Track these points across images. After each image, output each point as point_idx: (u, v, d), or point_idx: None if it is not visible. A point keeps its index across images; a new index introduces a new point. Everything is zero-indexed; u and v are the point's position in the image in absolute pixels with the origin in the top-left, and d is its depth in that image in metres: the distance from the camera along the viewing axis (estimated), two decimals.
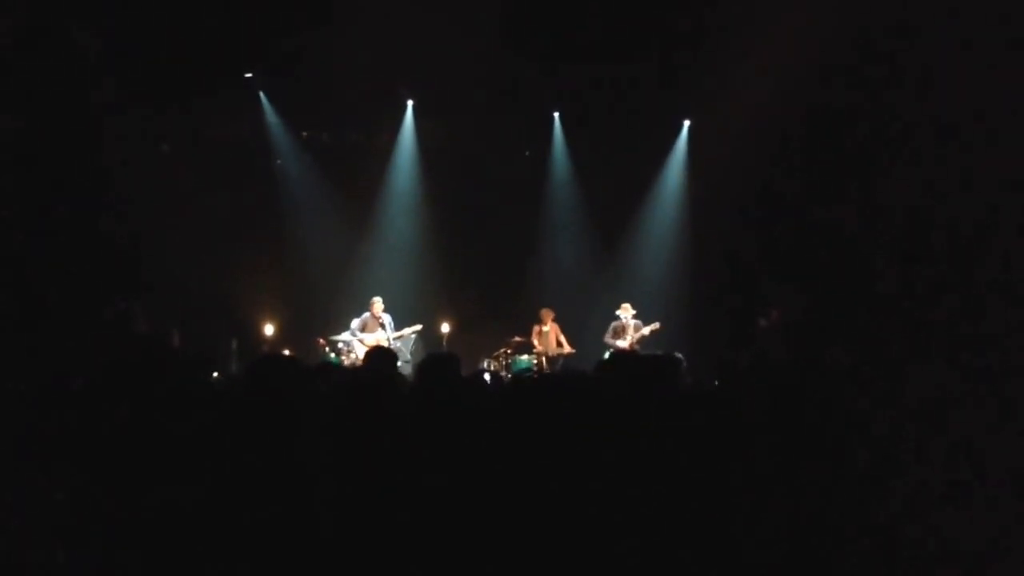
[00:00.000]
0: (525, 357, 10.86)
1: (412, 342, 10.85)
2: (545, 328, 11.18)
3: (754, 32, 9.38)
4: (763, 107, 9.93)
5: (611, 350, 10.66)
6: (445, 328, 11.20)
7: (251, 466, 2.35)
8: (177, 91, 10.35)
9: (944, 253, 8.17)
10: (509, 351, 10.88)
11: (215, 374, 8.18)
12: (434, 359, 3.17)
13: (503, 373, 10.54)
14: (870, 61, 8.93)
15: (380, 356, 3.61)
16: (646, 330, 10.70)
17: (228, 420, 2.55)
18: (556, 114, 12.34)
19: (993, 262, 7.71)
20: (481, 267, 11.90)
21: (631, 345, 10.60)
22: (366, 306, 10.62)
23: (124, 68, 9.61)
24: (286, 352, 9.17)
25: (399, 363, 5.31)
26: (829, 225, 9.98)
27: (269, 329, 11.17)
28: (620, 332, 10.80)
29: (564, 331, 11.23)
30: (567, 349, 11.10)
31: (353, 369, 7.82)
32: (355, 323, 10.58)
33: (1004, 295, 7.35)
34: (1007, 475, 2.50)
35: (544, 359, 10.97)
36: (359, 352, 10.28)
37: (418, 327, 10.78)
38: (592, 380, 3.00)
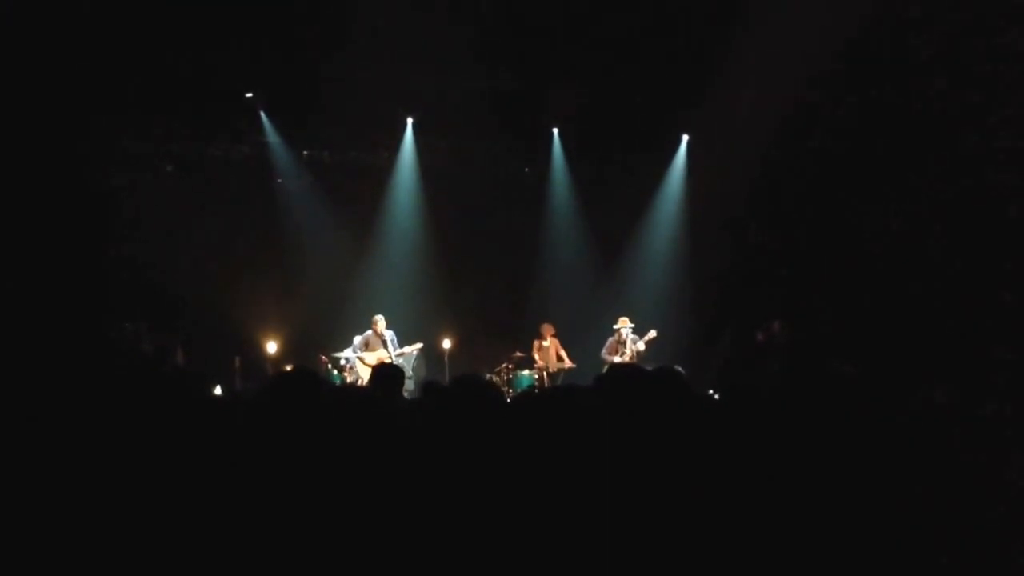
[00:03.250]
0: (526, 372, 10.87)
1: (414, 359, 10.88)
2: (546, 343, 11.20)
3: (753, 46, 9.45)
4: (762, 120, 9.99)
5: (608, 366, 10.66)
6: (446, 344, 11.23)
7: (259, 480, 2.38)
8: (179, 112, 10.44)
9: (943, 262, 8.20)
10: (510, 366, 10.89)
11: (218, 390, 8.25)
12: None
13: (504, 388, 10.57)
14: (865, 72, 9.01)
15: (387, 373, 3.62)
16: (641, 344, 10.62)
17: (239, 433, 2.57)
18: (555, 130, 12.40)
19: (991, 270, 7.74)
20: (481, 283, 11.94)
21: (630, 359, 10.53)
22: (368, 323, 10.66)
23: (126, 90, 9.70)
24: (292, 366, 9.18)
25: None
26: (827, 237, 10.03)
27: (272, 347, 11.19)
28: (616, 347, 10.73)
29: (565, 346, 11.25)
30: (568, 364, 11.11)
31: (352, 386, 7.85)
32: (357, 340, 10.61)
33: (1002, 302, 7.38)
34: (1010, 489, 2.52)
35: (545, 374, 10.99)
36: (361, 370, 10.30)
37: (419, 345, 10.81)
38: (593, 394, 3.00)
